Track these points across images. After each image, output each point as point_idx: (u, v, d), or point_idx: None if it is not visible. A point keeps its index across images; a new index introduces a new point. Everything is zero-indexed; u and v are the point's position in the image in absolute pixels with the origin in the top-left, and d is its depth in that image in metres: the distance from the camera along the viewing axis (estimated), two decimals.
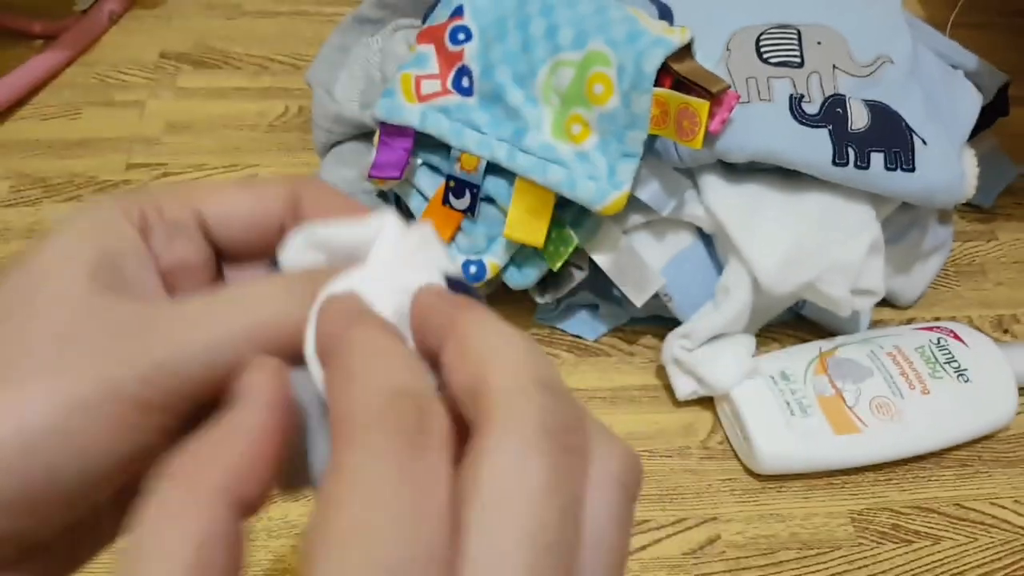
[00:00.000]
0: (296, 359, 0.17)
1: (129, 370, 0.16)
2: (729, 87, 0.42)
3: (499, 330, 0.16)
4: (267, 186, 0.20)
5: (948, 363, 0.47)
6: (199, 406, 0.17)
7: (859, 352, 0.48)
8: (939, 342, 0.48)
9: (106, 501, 0.18)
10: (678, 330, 0.48)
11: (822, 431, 0.45)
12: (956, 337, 0.49)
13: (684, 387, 0.47)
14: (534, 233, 0.45)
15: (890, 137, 0.45)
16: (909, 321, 0.54)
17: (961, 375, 0.47)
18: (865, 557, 0.44)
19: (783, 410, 0.45)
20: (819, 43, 0.47)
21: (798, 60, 0.47)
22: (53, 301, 0.17)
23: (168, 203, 0.19)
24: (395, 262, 0.18)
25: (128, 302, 0.17)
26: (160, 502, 0.15)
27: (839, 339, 0.49)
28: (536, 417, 0.14)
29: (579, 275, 0.48)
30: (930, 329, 0.50)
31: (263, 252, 0.20)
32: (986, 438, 0.49)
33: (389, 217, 0.19)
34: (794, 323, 0.53)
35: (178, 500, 0.14)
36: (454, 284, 0.18)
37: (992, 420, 0.48)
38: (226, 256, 0.21)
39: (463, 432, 0.15)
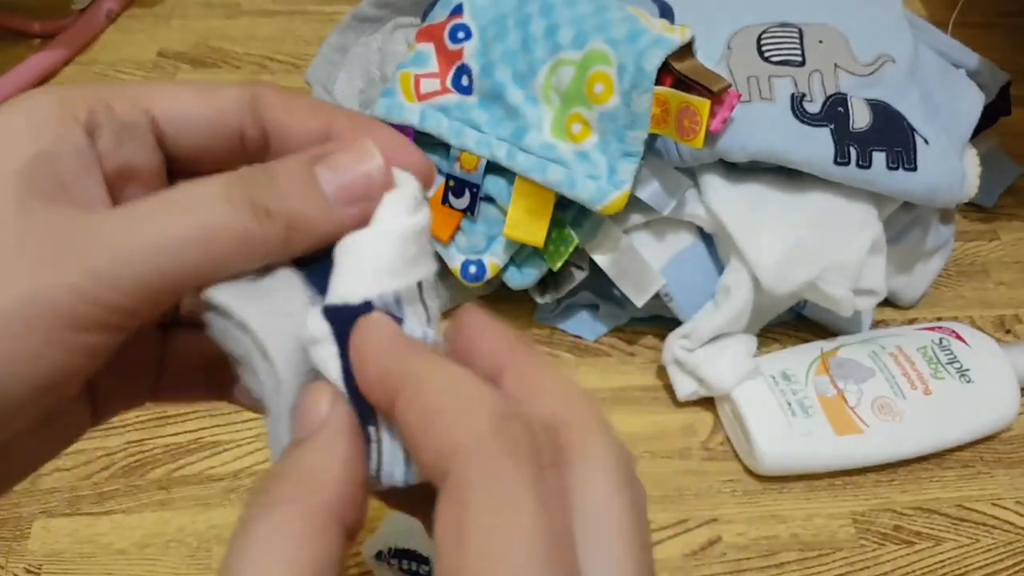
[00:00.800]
0: (235, 266, 0.17)
1: (60, 281, 0.15)
2: (730, 86, 0.41)
3: (557, 374, 0.18)
4: (223, 88, 0.19)
5: (950, 363, 0.47)
6: (136, 326, 0.16)
7: (861, 352, 0.47)
8: (941, 342, 0.48)
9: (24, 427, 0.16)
10: (679, 330, 0.47)
11: (823, 432, 0.45)
12: (958, 337, 0.48)
13: (685, 387, 0.47)
14: (534, 233, 0.44)
15: (892, 136, 0.44)
16: (911, 321, 0.54)
17: (963, 375, 0.47)
18: (867, 559, 0.44)
19: (784, 411, 0.45)
20: (820, 42, 0.47)
21: (799, 59, 0.46)
22: None
23: (119, 100, 0.17)
24: (398, 253, 0.17)
25: (64, 209, 0.16)
26: (279, 526, 0.15)
27: (840, 339, 0.49)
28: (616, 456, 0.16)
29: (579, 275, 0.48)
30: (932, 329, 0.49)
31: (220, 161, 0.19)
32: (988, 439, 0.48)
33: (407, 186, 0.18)
34: (795, 323, 0.53)
35: (298, 525, 0.15)
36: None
37: (994, 421, 0.47)
38: (178, 164, 0.19)
39: None
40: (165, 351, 0.21)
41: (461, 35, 0.45)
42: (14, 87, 0.62)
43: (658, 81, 0.40)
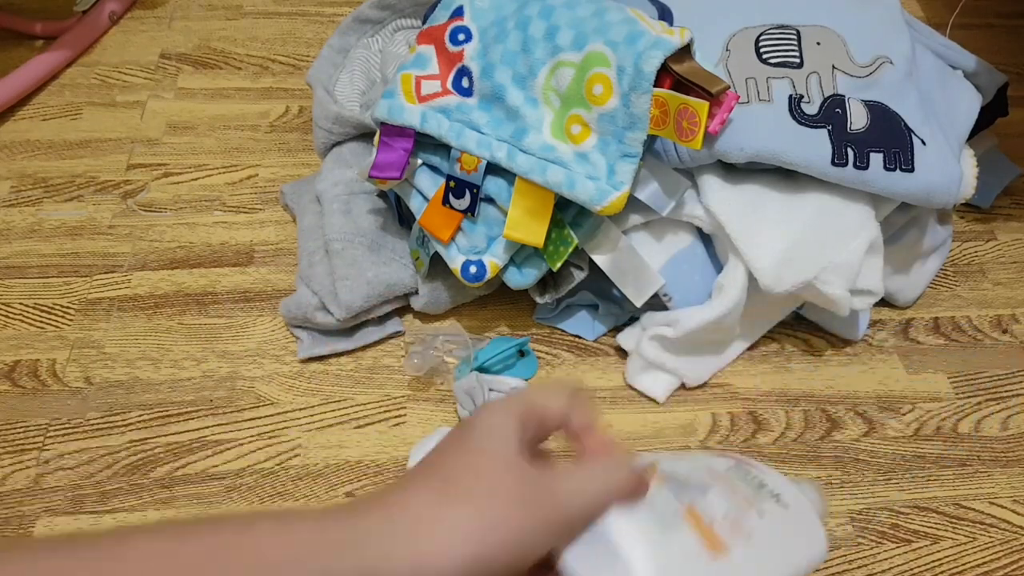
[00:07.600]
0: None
1: (532, 526, 0.22)
2: (729, 87, 0.42)
3: None
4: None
5: (762, 487, 0.35)
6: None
7: (685, 467, 0.38)
8: (739, 467, 0.37)
9: None
10: (658, 316, 0.47)
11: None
12: (747, 463, 0.37)
13: (655, 387, 0.48)
14: (534, 233, 0.45)
15: (889, 137, 0.45)
16: (909, 320, 0.54)
17: (776, 498, 0.36)
18: (864, 556, 0.44)
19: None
20: (818, 44, 0.47)
21: (797, 60, 0.47)
22: (495, 456, 0.24)
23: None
24: None
25: (530, 467, 0.24)
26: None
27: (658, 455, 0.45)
28: None
29: (579, 275, 0.48)
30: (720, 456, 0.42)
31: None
32: (985, 437, 0.49)
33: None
34: (793, 323, 0.53)
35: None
36: None
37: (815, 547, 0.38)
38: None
39: None
40: None
41: (462, 37, 0.45)
42: (17, 88, 0.62)
43: (657, 83, 0.41)
